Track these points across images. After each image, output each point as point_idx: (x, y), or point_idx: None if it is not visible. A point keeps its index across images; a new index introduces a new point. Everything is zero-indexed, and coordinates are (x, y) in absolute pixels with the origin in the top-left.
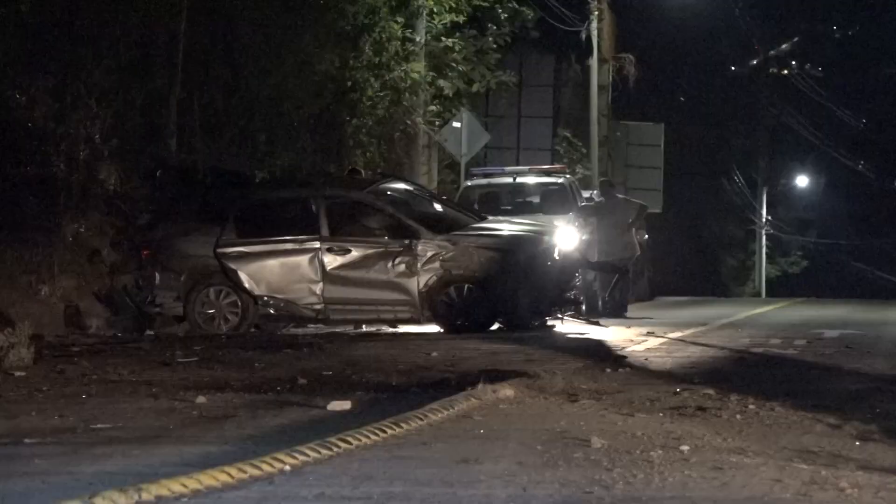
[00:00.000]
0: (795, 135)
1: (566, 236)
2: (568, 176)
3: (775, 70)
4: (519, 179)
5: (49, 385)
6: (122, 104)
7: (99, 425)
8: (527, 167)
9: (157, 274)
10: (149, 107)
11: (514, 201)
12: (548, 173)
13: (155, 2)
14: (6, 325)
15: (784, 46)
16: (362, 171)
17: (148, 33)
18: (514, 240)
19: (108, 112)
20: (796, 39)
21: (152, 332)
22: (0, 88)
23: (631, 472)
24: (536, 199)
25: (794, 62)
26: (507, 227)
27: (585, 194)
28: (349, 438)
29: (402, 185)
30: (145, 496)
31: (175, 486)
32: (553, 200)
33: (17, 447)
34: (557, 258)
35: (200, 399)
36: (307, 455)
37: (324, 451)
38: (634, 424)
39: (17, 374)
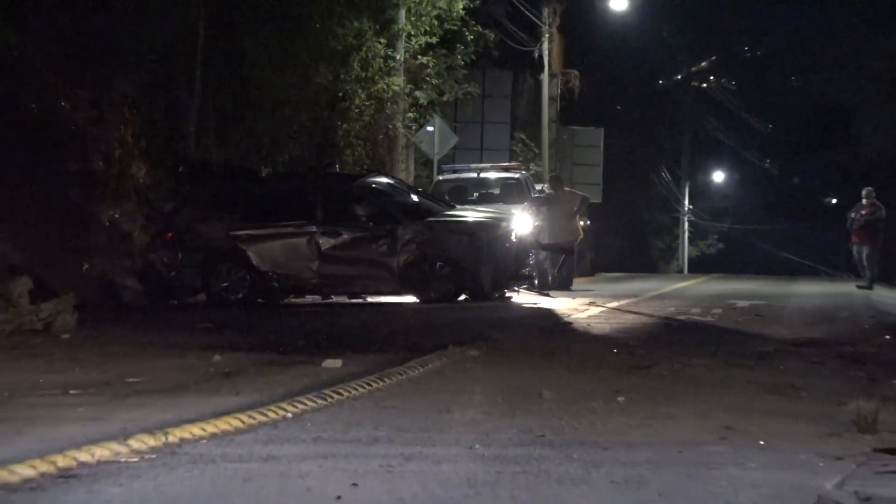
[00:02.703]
0: (713, 138)
1: (521, 222)
2: (523, 172)
3: (696, 83)
4: (482, 175)
5: (89, 346)
6: (149, 111)
7: (131, 379)
8: (489, 164)
9: (179, 253)
10: (171, 113)
11: (478, 193)
12: (506, 170)
13: (176, 26)
14: (53, 296)
15: (703, 64)
16: (337, 168)
17: (170, 52)
18: (478, 225)
19: (137, 118)
20: (714, 58)
21: (175, 302)
22: (49, 98)
23: (577, 419)
24: (496, 192)
25: (711, 77)
26: (472, 214)
27: (537, 187)
28: (341, 391)
29: (384, 179)
30: (171, 438)
31: (196, 430)
32: (510, 192)
33: (63, 397)
34: (514, 240)
35: (216, 358)
36: (306, 404)
37: (319, 402)
38: (579, 380)
39: (63, 336)
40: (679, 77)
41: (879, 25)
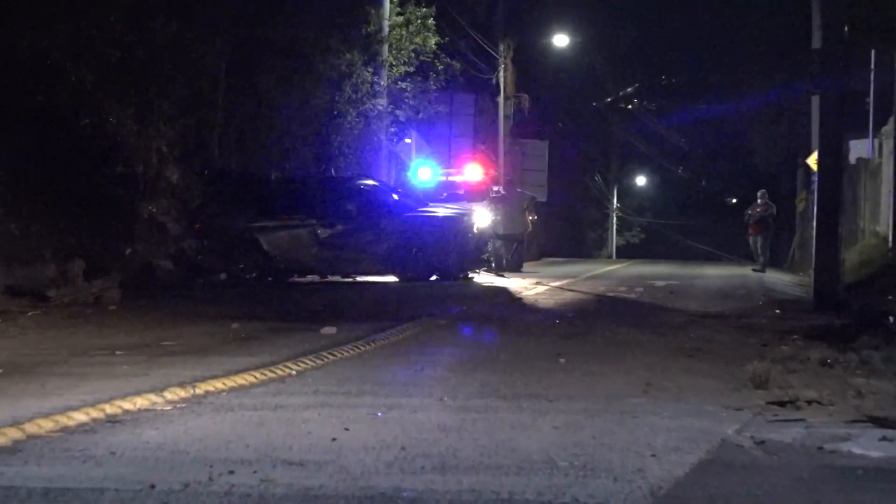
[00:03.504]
0: (637, 149)
1: (481, 217)
2: (484, 176)
3: (623, 105)
4: (450, 178)
5: (132, 316)
6: (181, 126)
7: (166, 343)
8: (456, 170)
9: (205, 241)
10: (199, 128)
11: (446, 193)
12: (470, 174)
13: (204, 59)
14: (103, 275)
15: (629, 89)
16: (332, 172)
17: (199, 79)
18: (446, 219)
19: (171, 132)
20: (637, 84)
21: (202, 280)
22: (100, 115)
23: (526, 376)
24: (462, 192)
25: (636, 100)
26: (441, 210)
27: (494, 188)
28: (335, 352)
29: (370, 182)
30: (198, 391)
31: (218, 385)
32: (474, 193)
33: (111, 357)
34: (475, 231)
35: (235, 325)
36: (307, 364)
37: (318, 361)
38: (529, 344)
39: (111, 308)
40: (609, 100)
41: (764, 62)
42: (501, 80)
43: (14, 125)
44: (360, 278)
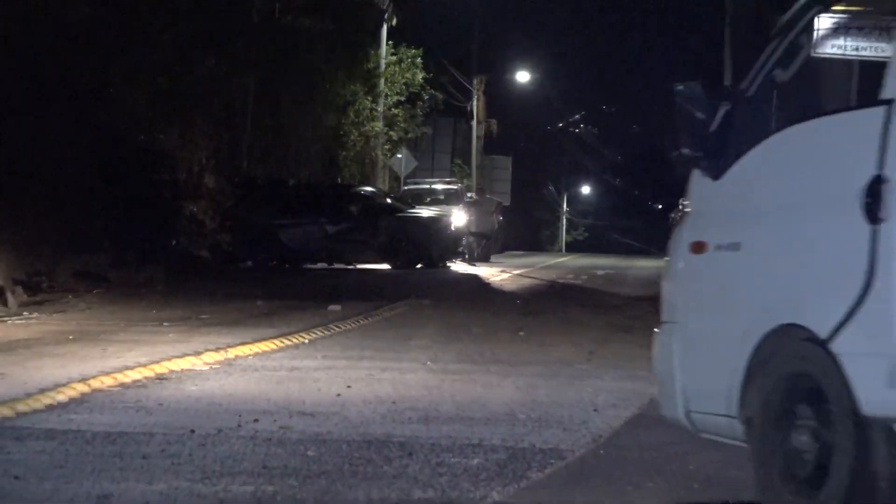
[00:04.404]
0: (583, 164)
1: (458, 217)
2: (460, 185)
3: (572, 128)
4: (433, 186)
5: (176, 294)
6: (216, 141)
7: (203, 316)
8: (437, 179)
9: (236, 235)
10: (231, 143)
11: (430, 198)
12: (448, 183)
13: (236, 87)
14: (153, 261)
15: (576, 116)
16: (338, 180)
17: (232, 103)
18: (430, 218)
19: (209, 145)
20: (583, 112)
21: (233, 267)
22: (150, 132)
23: (493, 346)
24: (442, 197)
25: (581, 125)
26: (425, 211)
27: (468, 194)
28: (340, 325)
29: (369, 188)
30: (229, 355)
31: (245, 350)
32: (451, 198)
33: (160, 327)
34: (453, 229)
35: (259, 303)
36: (316, 334)
37: (326, 332)
38: (496, 320)
39: (159, 288)
40: (560, 124)
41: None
42: (475, 107)
43: (80, 142)
44: (359, 266)
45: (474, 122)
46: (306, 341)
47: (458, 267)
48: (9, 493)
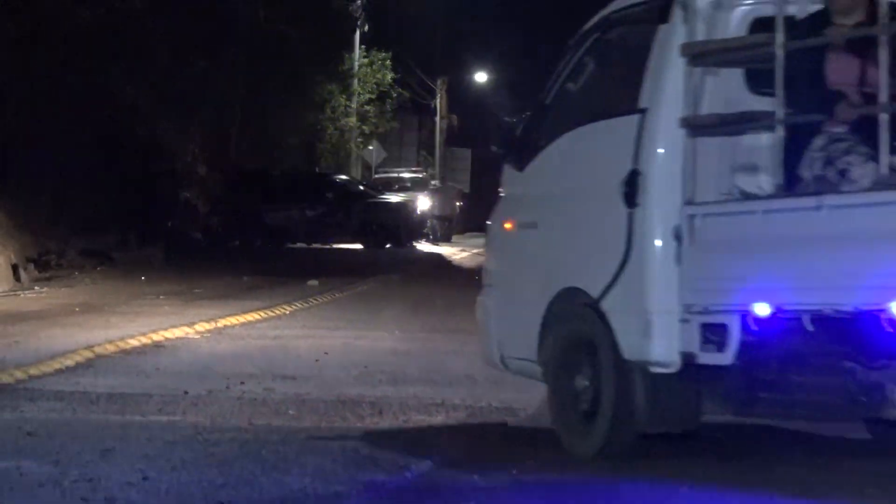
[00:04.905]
0: None
1: (423, 202)
2: (424, 173)
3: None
4: (401, 175)
5: (172, 270)
6: (209, 135)
7: (196, 290)
8: (405, 169)
9: (225, 218)
10: (222, 137)
11: (398, 185)
12: (415, 172)
13: (227, 89)
14: (152, 242)
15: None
16: (316, 170)
17: (223, 103)
18: (398, 203)
19: (201, 139)
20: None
21: (222, 247)
22: (150, 127)
23: (454, 317)
24: (409, 185)
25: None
26: (394, 197)
27: (432, 182)
28: (317, 298)
29: (344, 177)
30: (219, 325)
31: (233, 320)
32: (417, 185)
33: (157, 300)
34: (418, 213)
35: (246, 278)
36: (297, 306)
37: (305, 305)
38: (456, 293)
39: (157, 266)
40: (514, 119)
41: None
42: (438, 104)
43: (87, 136)
44: (335, 246)
45: (438, 118)
46: (288, 312)
47: (423, 246)
48: (22, 448)
